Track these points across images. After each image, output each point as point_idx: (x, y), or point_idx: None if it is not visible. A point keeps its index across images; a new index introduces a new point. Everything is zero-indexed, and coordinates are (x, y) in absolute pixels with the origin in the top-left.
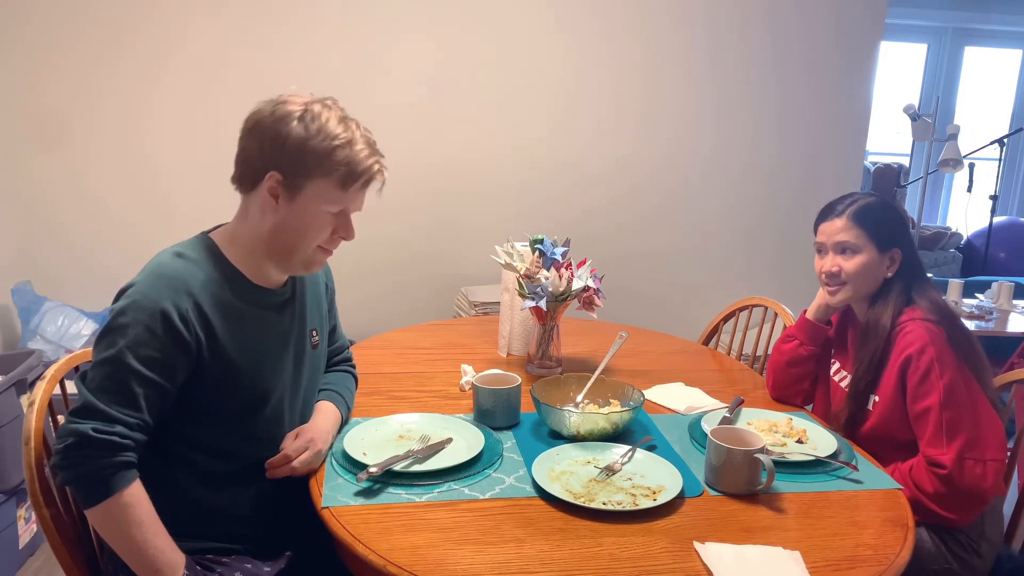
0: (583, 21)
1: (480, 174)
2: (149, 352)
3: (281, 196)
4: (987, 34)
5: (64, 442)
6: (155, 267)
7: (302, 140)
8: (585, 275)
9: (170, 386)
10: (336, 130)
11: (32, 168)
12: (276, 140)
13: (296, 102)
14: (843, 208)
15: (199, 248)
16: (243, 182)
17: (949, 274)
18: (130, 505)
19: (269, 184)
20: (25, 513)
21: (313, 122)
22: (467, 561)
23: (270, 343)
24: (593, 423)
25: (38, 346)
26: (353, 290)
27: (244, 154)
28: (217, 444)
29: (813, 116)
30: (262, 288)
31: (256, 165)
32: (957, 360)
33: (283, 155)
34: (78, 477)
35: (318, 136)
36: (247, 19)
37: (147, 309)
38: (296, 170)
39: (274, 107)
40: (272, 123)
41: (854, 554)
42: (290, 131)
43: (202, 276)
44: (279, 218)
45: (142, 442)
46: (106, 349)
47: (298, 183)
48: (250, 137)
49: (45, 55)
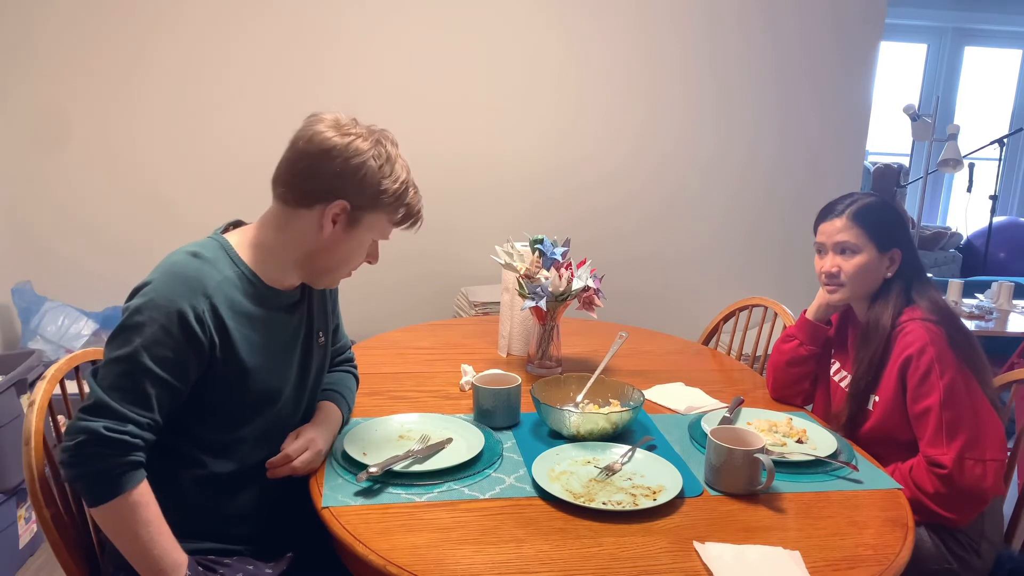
0: (583, 23)
1: (480, 175)
2: (164, 352)
3: (340, 223)
4: (987, 34)
5: (74, 439)
6: (171, 266)
7: (378, 180)
8: (585, 275)
9: (182, 386)
10: (403, 174)
11: (32, 168)
12: (353, 173)
13: (362, 134)
14: (843, 208)
15: (214, 249)
16: (301, 198)
17: (949, 274)
18: (138, 505)
19: (334, 211)
20: (25, 513)
21: (387, 164)
22: (467, 561)
23: (280, 344)
24: (593, 423)
25: (38, 346)
26: (354, 290)
27: (312, 172)
28: (222, 444)
29: (813, 116)
30: (275, 290)
31: (324, 188)
32: (957, 360)
33: (357, 188)
34: (87, 475)
35: (390, 178)
36: (244, 20)
37: (163, 308)
38: (365, 205)
39: (343, 136)
40: (349, 154)
41: (854, 554)
42: (367, 169)
43: (218, 277)
44: (331, 242)
45: (151, 442)
46: (120, 347)
47: (361, 215)
48: (322, 159)
49: (45, 55)
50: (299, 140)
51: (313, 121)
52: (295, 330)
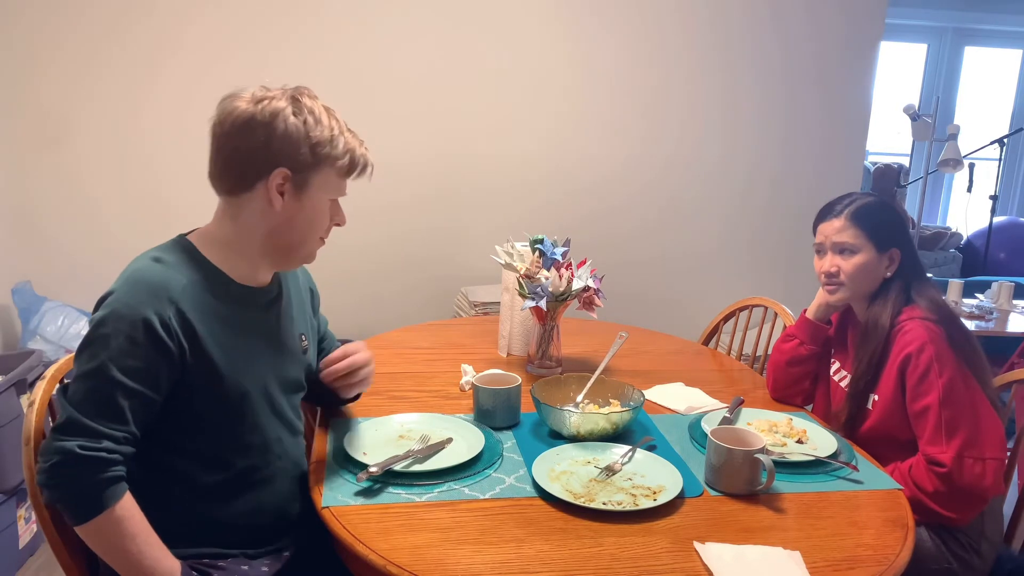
0: (586, 23)
1: (480, 175)
2: (132, 363)
3: (288, 192)
4: (987, 34)
5: (49, 460)
6: (133, 273)
7: (304, 133)
8: (585, 275)
9: (155, 396)
10: (330, 121)
11: (31, 168)
12: (279, 136)
13: (277, 95)
14: (841, 208)
15: (177, 251)
16: (239, 182)
17: (949, 274)
18: (122, 519)
19: (276, 181)
20: (25, 513)
21: (309, 114)
22: (467, 561)
23: (255, 343)
24: (593, 423)
25: (38, 346)
26: (354, 290)
27: (239, 154)
28: (206, 452)
29: (813, 116)
30: (247, 288)
31: (258, 163)
32: (956, 359)
33: (289, 150)
34: (66, 496)
35: (317, 127)
36: (243, 18)
37: (127, 318)
38: (304, 164)
39: (257, 103)
40: (268, 119)
41: (854, 554)
42: (288, 126)
43: (183, 280)
44: (286, 215)
45: (130, 455)
46: (88, 362)
47: (306, 177)
48: (242, 136)
49: (46, 56)
50: (217, 126)
51: (225, 102)
52: (272, 328)
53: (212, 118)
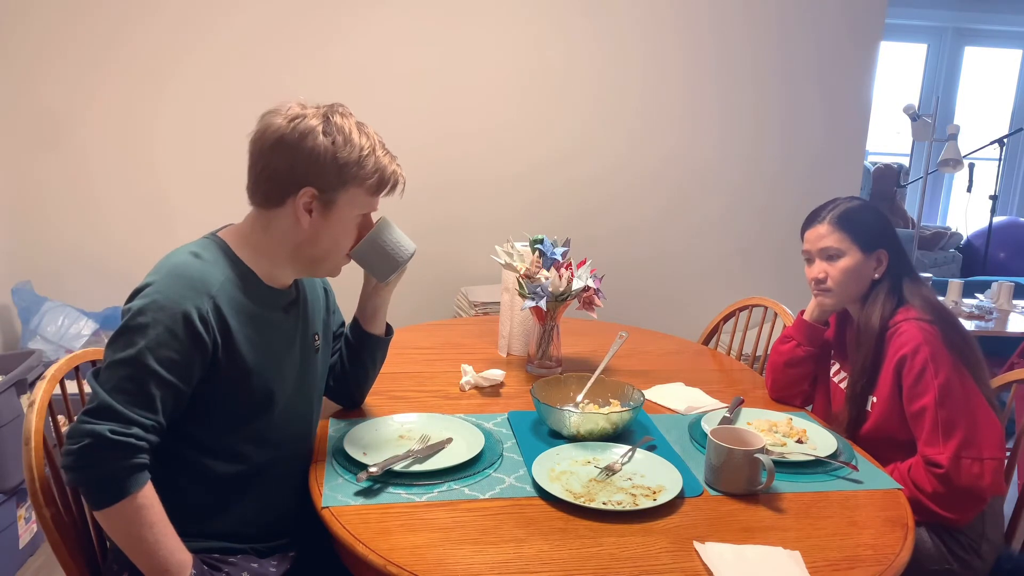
0: (585, 23)
1: (481, 175)
2: (169, 354)
3: (315, 210)
4: (987, 34)
5: (78, 443)
6: (173, 267)
7: (332, 153)
8: (585, 275)
9: (186, 388)
10: (360, 140)
11: (32, 168)
12: (307, 156)
13: (311, 114)
14: (825, 214)
15: (213, 248)
16: (269, 198)
17: (949, 274)
18: (143, 507)
19: (303, 200)
20: (25, 513)
21: (338, 134)
22: (467, 561)
23: (278, 344)
24: (593, 423)
25: (38, 346)
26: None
27: (269, 171)
28: (222, 445)
29: (813, 116)
30: (273, 289)
31: (286, 182)
32: (952, 359)
33: (316, 170)
34: (93, 479)
35: (346, 147)
36: (248, 20)
37: (168, 310)
38: (330, 184)
39: (290, 121)
40: (297, 139)
41: (854, 554)
42: (317, 145)
43: (220, 277)
44: (312, 231)
45: (155, 444)
46: (124, 349)
47: (333, 196)
48: (274, 154)
49: (46, 56)
50: (253, 142)
51: (266, 117)
52: (292, 330)
53: (251, 132)
